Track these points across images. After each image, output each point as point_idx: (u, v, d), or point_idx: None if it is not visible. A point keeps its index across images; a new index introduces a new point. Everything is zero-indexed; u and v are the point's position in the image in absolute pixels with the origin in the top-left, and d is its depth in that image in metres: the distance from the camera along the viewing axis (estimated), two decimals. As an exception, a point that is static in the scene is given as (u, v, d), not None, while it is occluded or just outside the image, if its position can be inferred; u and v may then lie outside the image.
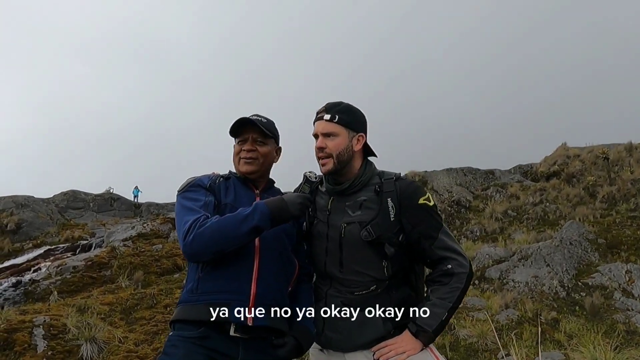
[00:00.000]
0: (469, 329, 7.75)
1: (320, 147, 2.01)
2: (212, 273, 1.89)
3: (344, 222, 1.99)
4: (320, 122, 2.03)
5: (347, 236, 1.98)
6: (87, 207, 27.32)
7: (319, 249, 2.08)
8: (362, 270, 1.98)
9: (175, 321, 1.89)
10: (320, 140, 2.02)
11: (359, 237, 1.94)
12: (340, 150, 1.99)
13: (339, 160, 2.00)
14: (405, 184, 2.02)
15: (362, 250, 1.97)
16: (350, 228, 1.97)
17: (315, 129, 2.06)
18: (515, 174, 21.07)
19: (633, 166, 16.69)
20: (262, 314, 1.86)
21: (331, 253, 2.03)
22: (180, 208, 1.94)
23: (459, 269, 1.93)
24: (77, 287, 11.02)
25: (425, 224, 1.97)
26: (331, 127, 2.00)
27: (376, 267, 1.97)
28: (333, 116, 2.00)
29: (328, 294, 2.05)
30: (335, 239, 2.01)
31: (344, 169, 2.03)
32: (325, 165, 2.01)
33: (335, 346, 2.01)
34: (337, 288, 2.03)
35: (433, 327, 1.87)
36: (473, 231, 14.57)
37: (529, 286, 9.75)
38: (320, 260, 2.08)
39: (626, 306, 8.72)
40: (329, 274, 2.05)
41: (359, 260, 1.98)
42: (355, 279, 1.99)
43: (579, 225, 11.90)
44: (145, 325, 8.11)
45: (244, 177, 2.14)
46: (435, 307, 1.90)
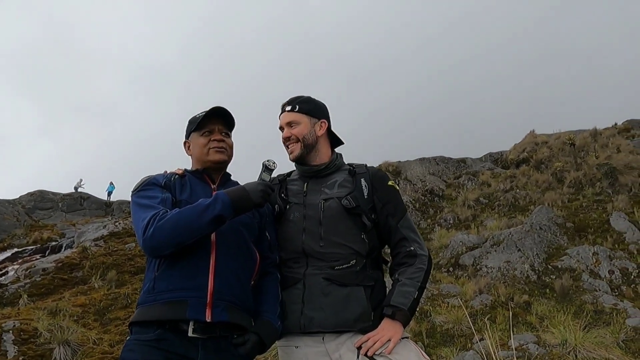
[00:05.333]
0: (444, 316, 7.90)
1: (286, 137, 2.18)
2: (168, 271, 1.83)
3: (322, 199, 2.10)
4: (283, 114, 2.21)
5: (326, 210, 2.07)
6: (56, 207, 26.61)
7: (295, 231, 2.09)
8: (343, 242, 2.02)
9: (133, 323, 1.84)
10: (285, 130, 2.19)
11: (339, 208, 2.05)
12: (304, 135, 2.16)
13: (305, 144, 2.16)
14: (376, 169, 2.24)
15: (342, 222, 2.05)
16: (330, 202, 2.08)
17: (280, 121, 2.23)
18: (486, 162, 21.47)
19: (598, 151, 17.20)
20: (222, 310, 1.82)
21: (310, 231, 2.05)
22: (136, 207, 1.89)
23: (420, 250, 2.06)
24: (47, 289, 10.75)
25: (393, 202, 2.14)
26: (293, 116, 2.18)
27: (356, 239, 2.04)
28: (294, 106, 2.19)
29: (306, 274, 2.03)
30: (313, 216, 2.07)
31: (310, 153, 2.18)
32: (294, 151, 2.17)
33: (317, 325, 1.94)
34: (317, 265, 2.02)
35: (407, 306, 1.91)
36: (447, 219, 14.81)
37: (501, 271, 10.00)
38: (297, 241, 2.07)
39: (593, 287, 9.04)
40: (307, 252, 2.04)
41: (339, 231, 2.04)
42: (337, 252, 2.01)
43: (548, 210, 12.24)
44: (120, 325, 7.98)
45: (203, 170, 2.10)
46: (405, 286, 1.96)
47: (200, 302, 1.79)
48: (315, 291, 1.99)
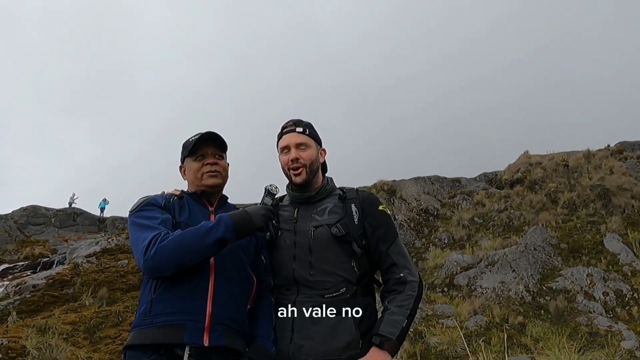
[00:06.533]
0: (439, 337, 7.84)
1: (295, 158, 2.11)
2: (165, 294, 1.81)
3: (312, 226, 2.08)
4: (293, 135, 2.15)
5: (316, 238, 2.05)
6: (49, 222, 26.38)
7: (286, 258, 2.09)
8: (332, 270, 2.01)
9: (128, 347, 1.80)
10: (293, 151, 2.12)
11: (328, 236, 2.04)
12: (312, 160, 2.13)
13: (311, 170, 2.13)
14: (367, 194, 2.22)
15: (332, 250, 2.04)
16: (320, 230, 2.07)
17: (286, 141, 2.16)
18: (480, 182, 21.55)
19: (591, 173, 17.34)
20: (219, 334, 1.79)
21: (300, 259, 2.05)
22: (136, 227, 1.88)
23: (410, 277, 2.04)
24: (37, 306, 10.58)
25: (384, 227, 2.12)
26: (304, 138, 2.14)
27: (346, 266, 2.03)
28: (304, 129, 2.16)
29: (297, 302, 2.02)
30: (303, 244, 2.06)
31: (312, 179, 2.15)
32: (300, 175, 2.12)
33: (306, 353, 1.94)
34: (307, 293, 2.02)
35: (395, 335, 1.89)
36: (441, 239, 14.80)
37: (496, 292, 9.96)
38: (288, 268, 2.07)
39: (588, 309, 9.02)
40: (298, 280, 2.04)
41: (329, 259, 2.03)
42: (327, 280, 2.00)
43: (542, 231, 12.27)
44: (111, 344, 7.86)
45: (201, 193, 2.11)
46: (394, 314, 1.94)
47: (198, 326, 1.77)
48: (305, 319, 1.98)
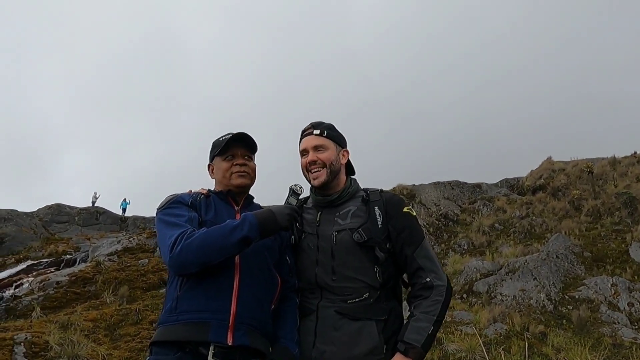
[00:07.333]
0: (457, 344, 7.73)
1: (312, 160, 2.11)
2: (190, 292, 1.84)
3: (334, 231, 2.06)
4: (310, 137, 2.15)
5: (338, 243, 2.03)
6: (72, 221, 26.91)
7: (308, 262, 2.08)
8: (355, 276, 1.99)
9: (154, 343, 1.84)
10: (311, 154, 2.12)
11: (350, 241, 2.00)
12: (332, 161, 2.11)
13: (331, 171, 2.11)
14: (390, 195, 2.16)
15: (354, 255, 2.00)
16: (342, 235, 2.03)
17: (304, 144, 2.17)
18: (502, 188, 21.26)
19: (617, 180, 16.95)
20: (243, 333, 1.81)
21: (322, 263, 2.04)
22: (163, 224, 1.91)
23: (437, 281, 1.97)
24: (60, 303, 10.81)
25: (409, 230, 2.05)
26: (321, 140, 2.13)
27: (369, 272, 2.00)
28: (322, 131, 2.15)
29: (320, 306, 2.01)
30: (326, 248, 2.04)
31: (333, 181, 2.13)
32: (320, 177, 2.11)
33: (328, 359, 1.93)
34: (330, 298, 2.01)
35: (421, 342, 1.85)
36: (461, 245, 14.63)
37: (516, 300, 9.79)
38: (310, 272, 2.06)
39: (612, 319, 8.79)
40: (321, 284, 2.03)
41: (352, 265, 2.00)
42: (349, 286, 1.98)
43: (565, 239, 12.02)
44: (130, 341, 7.97)
45: (227, 192, 2.13)
46: (420, 321, 1.89)
47: (222, 325, 1.79)
48: (327, 324, 1.97)
